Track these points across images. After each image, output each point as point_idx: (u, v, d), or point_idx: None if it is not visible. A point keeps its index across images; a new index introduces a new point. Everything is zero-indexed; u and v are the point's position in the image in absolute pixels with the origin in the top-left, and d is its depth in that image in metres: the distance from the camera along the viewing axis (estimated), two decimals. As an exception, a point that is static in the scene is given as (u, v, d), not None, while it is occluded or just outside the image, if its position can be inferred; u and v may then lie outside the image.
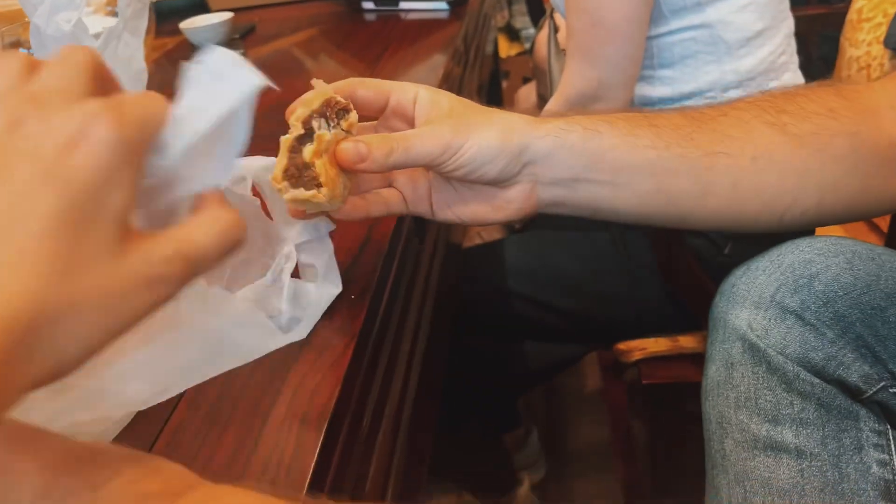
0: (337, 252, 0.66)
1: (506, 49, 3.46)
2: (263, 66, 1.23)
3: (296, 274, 0.57)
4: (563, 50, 1.49)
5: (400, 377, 0.67)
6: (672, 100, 1.05)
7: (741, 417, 0.60)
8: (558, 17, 1.49)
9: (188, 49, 1.33)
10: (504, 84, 2.78)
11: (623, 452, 1.54)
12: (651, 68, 1.04)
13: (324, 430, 0.47)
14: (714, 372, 0.64)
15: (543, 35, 1.68)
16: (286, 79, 1.22)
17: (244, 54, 1.30)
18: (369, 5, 1.49)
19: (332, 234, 0.58)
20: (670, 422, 1.28)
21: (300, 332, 0.53)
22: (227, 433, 0.47)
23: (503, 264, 1.10)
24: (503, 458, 1.43)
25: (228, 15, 1.32)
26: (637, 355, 1.14)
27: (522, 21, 3.52)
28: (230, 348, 0.50)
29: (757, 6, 1.01)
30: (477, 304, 1.11)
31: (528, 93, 1.99)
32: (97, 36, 1.24)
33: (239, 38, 1.39)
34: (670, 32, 1.01)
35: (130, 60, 0.78)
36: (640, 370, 1.15)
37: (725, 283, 0.64)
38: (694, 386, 1.13)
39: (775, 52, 1.05)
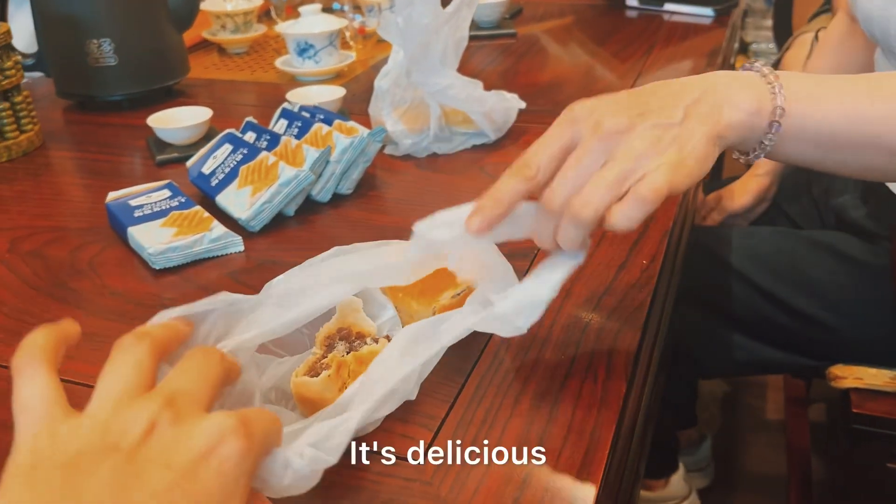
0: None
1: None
2: (533, 47, 1.35)
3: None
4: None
5: (652, 333, 0.75)
6: None
7: None
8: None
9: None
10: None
11: (799, 484, 1.53)
12: None
13: (630, 368, 0.55)
14: None
15: (798, 55, 1.66)
16: (551, 61, 1.33)
17: (514, 35, 1.41)
18: (633, 2, 1.55)
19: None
20: (868, 458, 1.27)
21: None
22: (545, 352, 0.57)
23: (747, 248, 1.11)
24: (667, 441, 1.45)
25: (508, -5, 1.44)
26: (851, 382, 1.14)
27: (754, 35, 3.43)
28: None
29: None
30: (701, 275, 1.12)
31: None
32: (392, 0, 1.38)
33: (509, 17, 1.50)
34: None
35: (457, 29, 0.89)
36: (850, 398, 1.15)
37: None
38: (905, 425, 1.12)
39: None
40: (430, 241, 0.51)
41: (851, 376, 1.15)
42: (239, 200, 0.76)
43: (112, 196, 0.80)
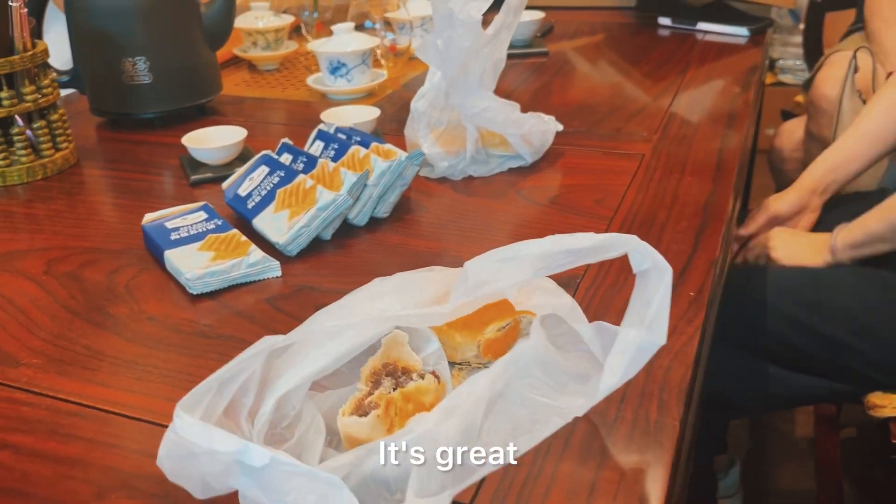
0: (667, 253, 0.73)
1: (759, 77, 3.36)
2: (565, 65, 1.33)
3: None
4: (859, 91, 1.46)
5: (701, 369, 0.73)
6: None
7: None
8: (862, 57, 1.46)
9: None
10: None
11: (831, 509, 1.49)
12: None
13: (683, 404, 0.54)
14: None
15: (831, 74, 1.63)
16: (584, 80, 1.31)
17: (546, 53, 1.40)
18: (665, 21, 1.54)
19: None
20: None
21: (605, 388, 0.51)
22: (593, 385, 0.55)
23: (774, 281, 1.10)
24: (707, 478, 1.42)
25: (541, 14, 1.43)
26: (890, 412, 1.11)
27: (781, 51, 3.41)
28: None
29: None
30: (733, 314, 1.11)
31: (793, 128, 1.94)
32: (425, 18, 1.38)
33: (541, 36, 1.49)
34: None
35: (496, 51, 0.88)
36: (889, 428, 1.12)
37: None
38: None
39: None
40: (481, 281, 0.50)
41: (891, 405, 1.12)
42: (276, 224, 0.76)
43: (148, 218, 0.79)
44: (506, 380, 0.51)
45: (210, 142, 0.96)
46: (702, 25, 1.49)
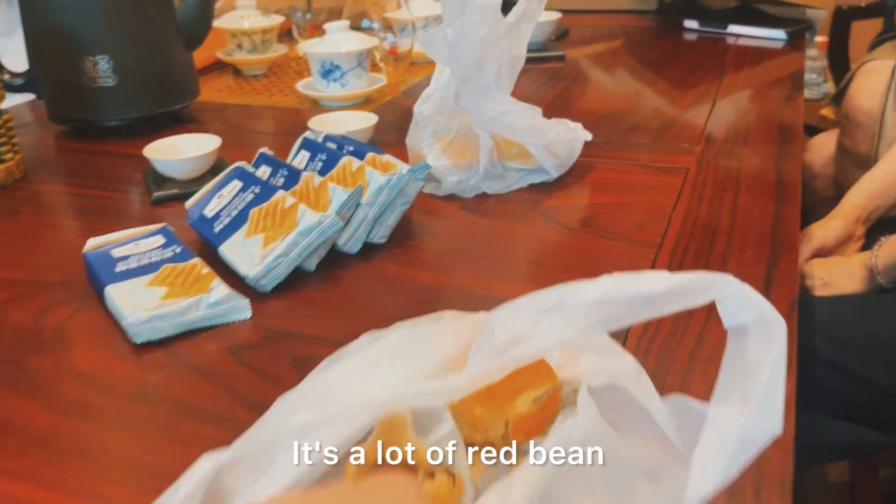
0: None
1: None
2: (584, 71, 1.17)
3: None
4: (904, 102, 1.34)
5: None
6: None
7: None
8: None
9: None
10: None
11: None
12: None
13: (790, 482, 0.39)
14: None
15: (867, 84, 1.51)
16: (606, 87, 1.18)
17: (563, 58, 1.26)
18: (692, 24, 1.40)
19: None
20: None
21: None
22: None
23: (813, 318, 0.99)
24: None
25: (557, 15, 1.29)
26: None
27: (796, 65, 3.31)
28: None
29: None
30: None
31: (823, 143, 1.82)
32: (428, 19, 1.24)
33: (555, 39, 1.35)
34: None
35: (514, 45, 0.74)
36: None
37: None
38: None
39: None
40: (513, 338, 0.35)
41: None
42: (247, 252, 0.61)
43: (91, 244, 0.65)
44: (549, 480, 0.36)
45: (177, 152, 0.82)
46: (733, 28, 1.35)
